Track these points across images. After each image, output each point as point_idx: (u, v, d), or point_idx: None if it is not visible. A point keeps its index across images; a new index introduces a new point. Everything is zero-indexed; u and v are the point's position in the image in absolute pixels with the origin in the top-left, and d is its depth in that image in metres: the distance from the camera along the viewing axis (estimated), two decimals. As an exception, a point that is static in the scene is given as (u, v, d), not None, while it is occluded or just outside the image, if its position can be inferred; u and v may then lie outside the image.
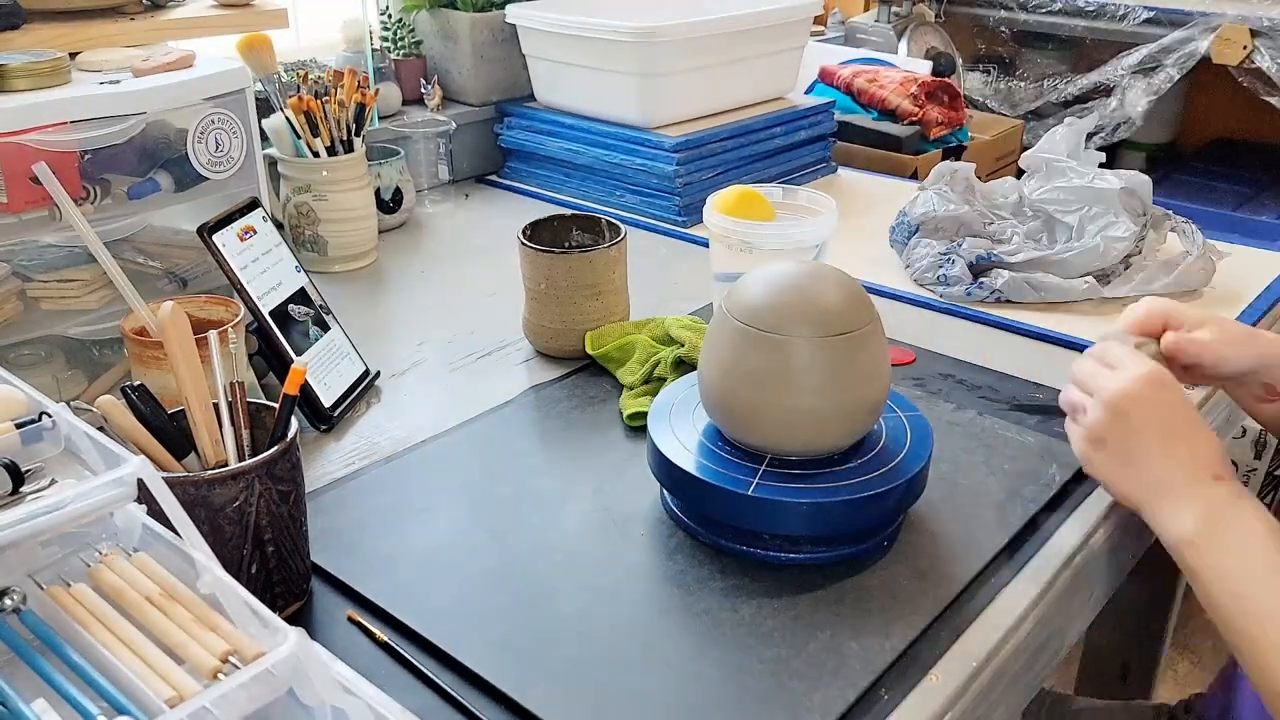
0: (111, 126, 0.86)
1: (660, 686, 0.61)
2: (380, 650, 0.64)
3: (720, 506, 0.70)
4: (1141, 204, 1.12)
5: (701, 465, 0.71)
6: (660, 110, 1.37)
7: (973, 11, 2.45)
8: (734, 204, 1.02)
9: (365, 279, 1.21)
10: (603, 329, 0.97)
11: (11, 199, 0.83)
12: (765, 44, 1.45)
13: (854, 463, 0.72)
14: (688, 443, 0.74)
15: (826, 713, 0.58)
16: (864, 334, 0.69)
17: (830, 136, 1.55)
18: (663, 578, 0.70)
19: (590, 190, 1.43)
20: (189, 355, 0.63)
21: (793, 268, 0.72)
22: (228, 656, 0.43)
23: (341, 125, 1.18)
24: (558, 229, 1.01)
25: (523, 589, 0.69)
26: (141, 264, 0.95)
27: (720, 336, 0.71)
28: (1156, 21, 2.17)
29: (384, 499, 0.78)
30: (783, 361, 0.68)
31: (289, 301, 0.90)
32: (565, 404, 0.91)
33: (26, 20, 0.95)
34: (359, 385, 0.93)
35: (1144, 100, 2.18)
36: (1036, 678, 0.71)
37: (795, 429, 0.69)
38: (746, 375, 0.69)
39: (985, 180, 1.25)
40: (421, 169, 1.42)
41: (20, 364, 0.87)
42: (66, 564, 0.50)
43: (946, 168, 1.22)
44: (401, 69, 1.53)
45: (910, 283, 1.15)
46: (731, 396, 0.70)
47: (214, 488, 0.60)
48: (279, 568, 0.65)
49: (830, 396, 0.68)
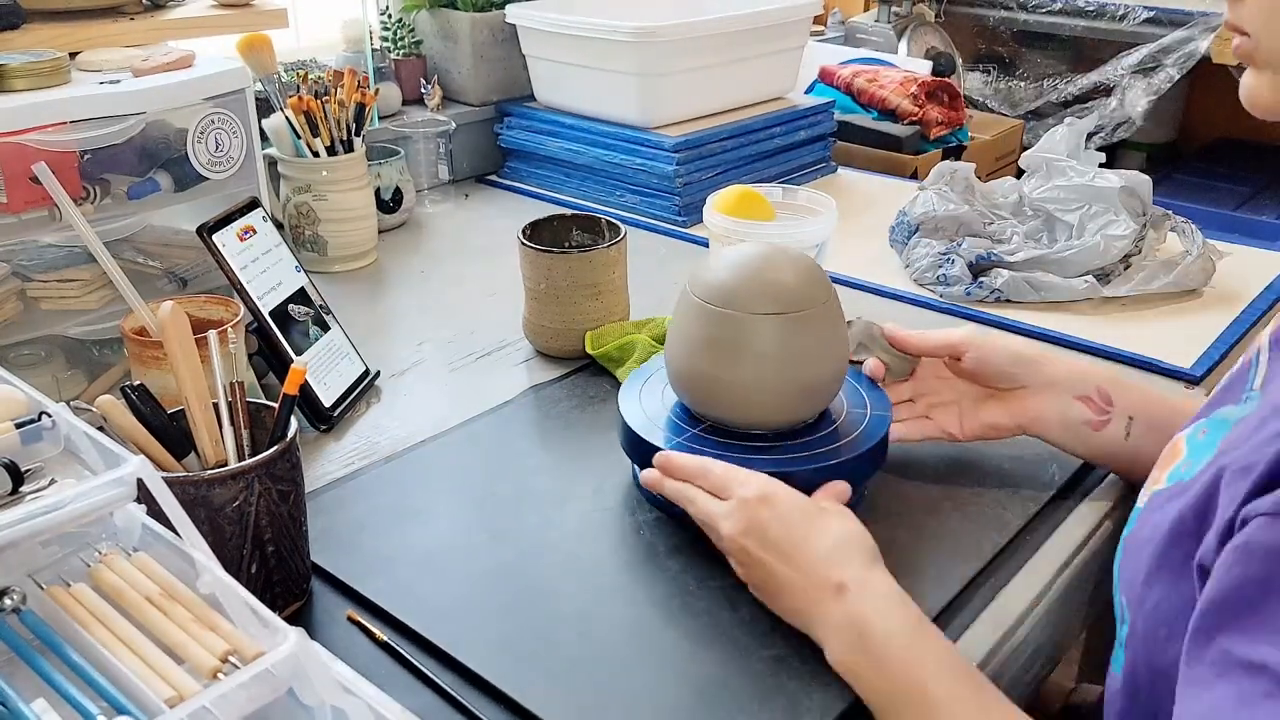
0: (111, 126, 0.86)
1: (660, 686, 0.61)
2: (380, 650, 0.64)
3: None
4: (1141, 203, 1.12)
5: (665, 438, 0.74)
6: (660, 110, 1.37)
7: (973, 11, 2.45)
8: (734, 204, 1.02)
9: (365, 279, 1.21)
10: (603, 329, 0.97)
11: (11, 199, 0.83)
12: (765, 44, 1.45)
13: (812, 435, 0.74)
14: (655, 418, 0.76)
15: (826, 712, 0.58)
16: (818, 311, 0.72)
17: (830, 136, 1.55)
18: (662, 577, 0.70)
19: (590, 190, 1.43)
20: (189, 355, 0.63)
21: (753, 249, 0.75)
22: (228, 656, 0.43)
23: (341, 125, 1.18)
24: (558, 229, 1.01)
25: (522, 589, 0.69)
26: (141, 264, 0.95)
27: (683, 315, 0.74)
28: (1156, 21, 2.17)
29: (384, 499, 0.78)
30: (739, 337, 0.71)
31: (289, 301, 0.90)
32: (565, 404, 0.91)
33: (26, 20, 0.95)
34: (359, 385, 0.93)
35: (1144, 100, 2.18)
36: (1036, 678, 0.71)
37: (752, 402, 0.72)
38: (706, 351, 0.72)
39: (985, 180, 1.25)
40: (421, 169, 1.42)
41: (20, 364, 0.87)
42: (66, 564, 0.50)
43: (946, 168, 1.22)
44: (401, 69, 1.53)
45: (910, 283, 1.15)
46: (692, 372, 0.73)
47: (214, 488, 0.60)
48: (279, 568, 0.65)
49: (786, 371, 0.71)
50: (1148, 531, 0.60)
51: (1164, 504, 0.60)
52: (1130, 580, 0.62)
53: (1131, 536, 0.63)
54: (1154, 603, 0.59)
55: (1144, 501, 0.64)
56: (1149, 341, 1.01)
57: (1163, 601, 0.58)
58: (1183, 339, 1.02)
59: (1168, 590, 0.57)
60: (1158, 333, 1.03)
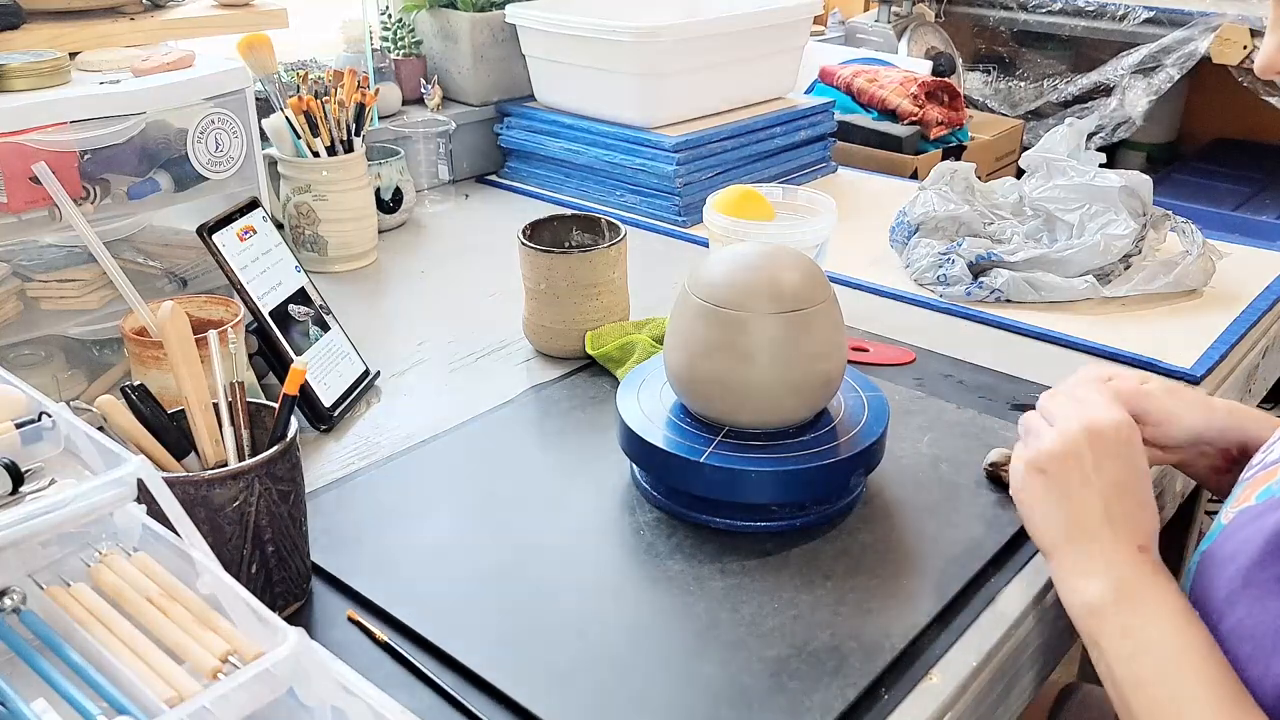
0: (111, 126, 0.86)
1: (660, 686, 0.61)
2: (380, 650, 0.64)
3: (678, 475, 0.73)
4: (1142, 203, 1.12)
5: (663, 436, 0.74)
6: (660, 110, 1.37)
7: (973, 11, 2.45)
8: (734, 204, 1.02)
9: (365, 279, 1.21)
10: (603, 329, 0.97)
11: (11, 199, 0.83)
12: (765, 44, 1.45)
13: (808, 435, 0.74)
14: (653, 416, 0.76)
15: (826, 712, 0.58)
16: (817, 310, 0.72)
17: (830, 136, 1.55)
18: (662, 578, 0.70)
19: (590, 190, 1.43)
20: (189, 355, 0.63)
21: (751, 248, 0.75)
22: (228, 656, 0.43)
23: (341, 125, 1.18)
24: (558, 229, 1.01)
25: (522, 589, 0.69)
26: (141, 264, 0.95)
27: (682, 314, 0.74)
28: (1156, 21, 2.17)
29: (384, 499, 0.78)
30: (738, 336, 0.71)
31: (289, 301, 0.90)
32: (565, 404, 0.91)
33: (26, 20, 0.95)
34: (359, 385, 0.93)
35: (1144, 100, 2.18)
36: (1036, 678, 0.71)
37: (750, 401, 0.72)
38: (705, 350, 0.72)
39: (985, 180, 1.25)
40: (421, 169, 1.42)
41: (20, 364, 0.87)
42: (66, 564, 0.50)
43: (946, 168, 1.22)
44: (401, 69, 1.53)
45: (910, 283, 1.15)
46: (691, 370, 0.73)
47: (214, 488, 0.60)
48: (279, 568, 0.65)
49: (784, 370, 0.71)
50: (1232, 548, 0.60)
51: (1253, 520, 0.60)
52: (1205, 596, 0.61)
53: (1211, 553, 0.63)
54: (1237, 619, 0.58)
55: (1228, 518, 0.63)
56: (1149, 341, 1.01)
57: (1246, 619, 0.58)
58: (1183, 339, 1.02)
59: (1252, 606, 0.57)
60: (1158, 333, 1.03)
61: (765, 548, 0.72)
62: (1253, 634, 0.57)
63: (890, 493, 0.78)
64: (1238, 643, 0.58)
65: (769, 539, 0.73)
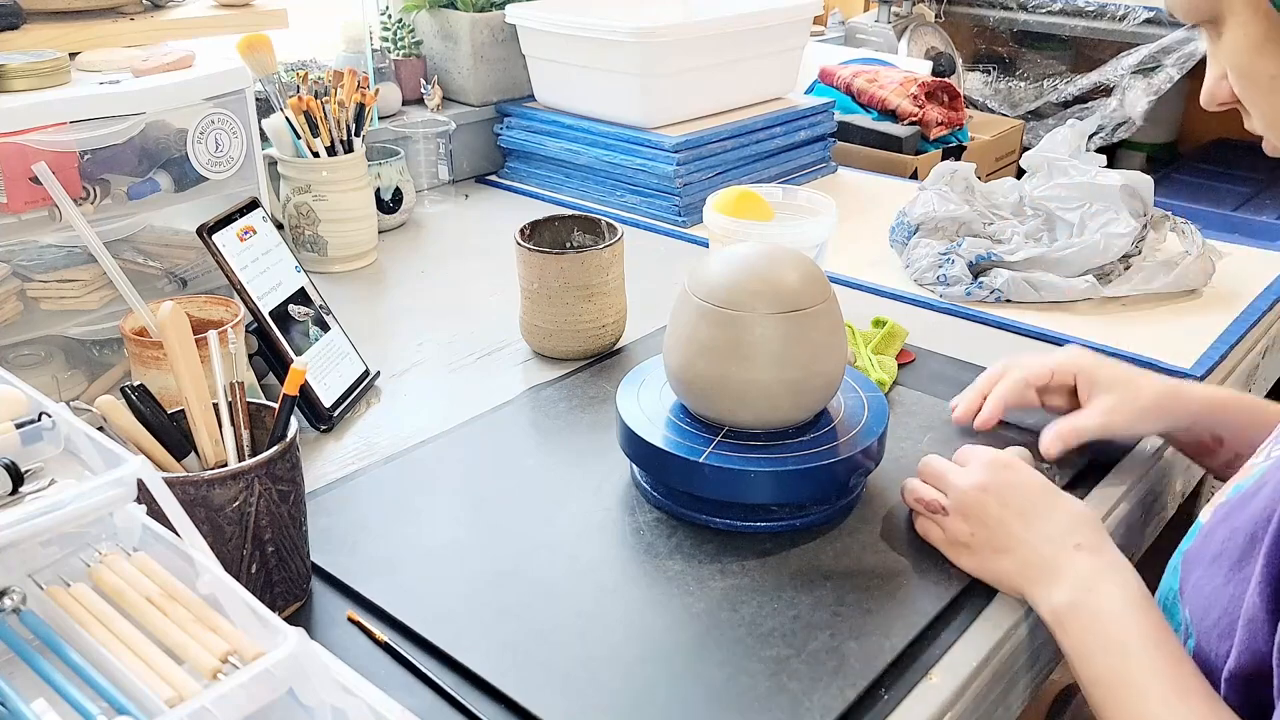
0: (111, 126, 0.86)
1: (660, 686, 0.61)
2: (380, 650, 0.64)
3: (678, 475, 0.73)
4: (1142, 203, 1.12)
5: (663, 436, 0.74)
6: (660, 110, 1.37)
7: (973, 11, 2.45)
8: (734, 204, 1.02)
9: (365, 279, 1.21)
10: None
11: (11, 199, 0.83)
12: (765, 44, 1.45)
13: (808, 435, 0.75)
14: (653, 416, 0.76)
15: (826, 712, 0.58)
16: (817, 311, 0.72)
17: (830, 136, 1.55)
18: (662, 578, 0.70)
19: (590, 190, 1.43)
20: (189, 355, 0.63)
21: (751, 249, 0.75)
22: (228, 657, 0.43)
23: (341, 125, 1.18)
24: (559, 229, 1.01)
25: (523, 589, 0.69)
26: (141, 264, 0.95)
27: (682, 314, 0.74)
28: (1156, 21, 2.17)
29: (384, 499, 0.78)
30: (738, 336, 0.71)
31: (289, 301, 0.90)
32: (565, 404, 0.91)
33: (26, 20, 0.95)
34: (359, 385, 0.93)
35: (1144, 100, 2.18)
36: (1036, 678, 0.71)
37: (749, 402, 0.72)
38: (704, 350, 0.72)
39: (985, 180, 1.25)
40: (421, 169, 1.42)
41: (20, 364, 0.87)
42: (66, 564, 0.50)
43: (946, 168, 1.22)
44: (401, 69, 1.53)
45: (910, 283, 1.15)
46: (691, 370, 0.73)
47: (214, 488, 0.60)
48: (279, 568, 0.65)
49: (783, 371, 0.71)
50: (1216, 546, 0.61)
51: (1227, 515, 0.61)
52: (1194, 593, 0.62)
53: (1192, 552, 0.64)
54: (1222, 609, 0.59)
55: (1206, 516, 0.64)
56: (1149, 341, 1.01)
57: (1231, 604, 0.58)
58: (1183, 339, 1.02)
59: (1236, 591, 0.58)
60: (1158, 333, 1.03)
61: (765, 548, 0.72)
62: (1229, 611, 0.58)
63: (890, 493, 0.78)
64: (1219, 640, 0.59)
65: (769, 539, 0.73)
